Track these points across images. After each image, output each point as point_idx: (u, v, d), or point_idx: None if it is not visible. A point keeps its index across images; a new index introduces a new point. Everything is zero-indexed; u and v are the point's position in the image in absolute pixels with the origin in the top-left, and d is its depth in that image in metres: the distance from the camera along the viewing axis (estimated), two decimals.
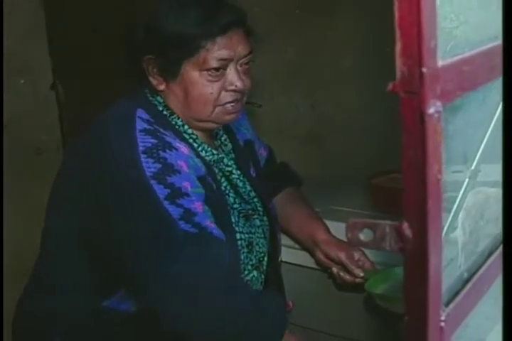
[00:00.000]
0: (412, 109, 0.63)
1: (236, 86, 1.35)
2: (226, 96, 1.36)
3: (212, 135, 1.47)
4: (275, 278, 1.56)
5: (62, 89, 2.08)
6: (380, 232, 0.69)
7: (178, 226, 1.22)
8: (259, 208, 1.50)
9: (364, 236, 0.71)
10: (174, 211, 1.22)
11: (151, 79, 1.36)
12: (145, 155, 1.23)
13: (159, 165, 1.23)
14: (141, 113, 1.32)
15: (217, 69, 1.32)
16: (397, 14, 0.62)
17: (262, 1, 2.05)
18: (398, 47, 0.63)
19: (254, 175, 1.54)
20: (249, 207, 1.47)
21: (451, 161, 0.74)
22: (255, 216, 1.48)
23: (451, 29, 0.73)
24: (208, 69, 1.32)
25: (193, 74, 1.33)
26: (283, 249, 1.62)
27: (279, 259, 1.58)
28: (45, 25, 2.05)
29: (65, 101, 2.10)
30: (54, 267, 1.41)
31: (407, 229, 0.67)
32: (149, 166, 1.22)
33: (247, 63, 1.37)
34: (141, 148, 1.24)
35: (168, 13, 1.33)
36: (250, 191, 1.49)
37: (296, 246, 1.67)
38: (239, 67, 1.36)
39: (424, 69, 0.62)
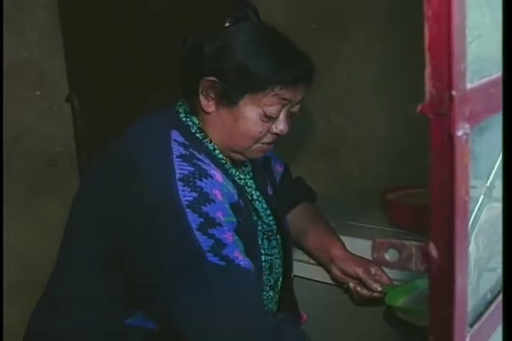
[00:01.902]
0: (441, 131, 0.63)
1: (282, 131, 1.37)
2: (268, 137, 1.38)
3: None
4: (288, 296, 1.56)
5: (77, 101, 2.09)
6: (406, 253, 0.69)
7: (206, 258, 1.20)
8: (274, 226, 1.50)
9: (389, 256, 0.71)
10: (205, 242, 1.20)
11: (202, 98, 1.35)
12: (182, 183, 1.21)
13: (195, 195, 1.21)
14: (175, 135, 1.31)
15: (274, 117, 1.34)
16: (427, 37, 0.62)
17: (278, 15, 2.07)
18: (428, 69, 0.63)
19: (270, 193, 1.54)
20: (269, 228, 1.47)
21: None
22: (272, 236, 1.48)
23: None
24: (264, 110, 1.32)
25: (250, 108, 1.33)
26: (295, 263, 1.62)
27: (292, 276, 1.58)
28: (62, 36, 2.06)
29: (80, 113, 2.10)
30: (71, 285, 1.39)
31: (433, 250, 0.67)
32: (185, 195, 1.21)
33: (295, 110, 1.39)
34: (178, 176, 1.22)
35: (246, 47, 1.32)
36: (266, 209, 1.49)
37: (310, 260, 1.68)
38: (288, 113, 1.37)
39: (453, 92, 0.62)
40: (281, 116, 1.36)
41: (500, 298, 0.82)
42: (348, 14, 2.14)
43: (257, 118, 1.33)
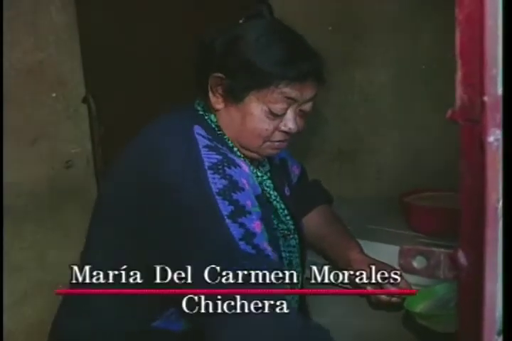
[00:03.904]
0: (471, 137, 0.62)
1: (290, 129, 1.36)
2: (278, 135, 1.37)
3: None
4: (302, 298, 1.55)
5: (93, 103, 2.09)
6: (434, 260, 0.68)
7: (239, 246, 1.18)
8: (291, 226, 1.49)
9: (417, 263, 0.70)
10: (235, 230, 1.18)
11: (211, 96, 1.35)
12: (211, 171, 1.20)
13: (225, 182, 1.20)
14: (198, 129, 1.30)
15: (280, 114, 1.33)
16: (458, 41, 0.61)
17: (295, 16, 2.05)
18: (458, 75, 0.62)
19: (287, 194, 1.53)
20: (285, 227, 1.47)
21: None
22: (290, 236, 1.47)
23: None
24: (269, 107, 1.31)
25: (255, 105, 1.32)
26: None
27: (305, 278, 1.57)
28: (78, 38, 2.06)
29: (96, 115, 2.10)
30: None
31: (462, 258, 0.66)
32: (216, 182, 1.19)
33: (306, 108, 1.37)
34: (207, 164, 1.21)
35: (254, 43, 1.31)
36: (284, 209, 1.49)
37: (325, 263, 1.66)
38: (298, 111, 1.36)
39: (485, 98, 0.61)
40: (289, 114, 1.35)
41: None
42: (365, 16, 2.13)
43: (262, 116, 1.32)
